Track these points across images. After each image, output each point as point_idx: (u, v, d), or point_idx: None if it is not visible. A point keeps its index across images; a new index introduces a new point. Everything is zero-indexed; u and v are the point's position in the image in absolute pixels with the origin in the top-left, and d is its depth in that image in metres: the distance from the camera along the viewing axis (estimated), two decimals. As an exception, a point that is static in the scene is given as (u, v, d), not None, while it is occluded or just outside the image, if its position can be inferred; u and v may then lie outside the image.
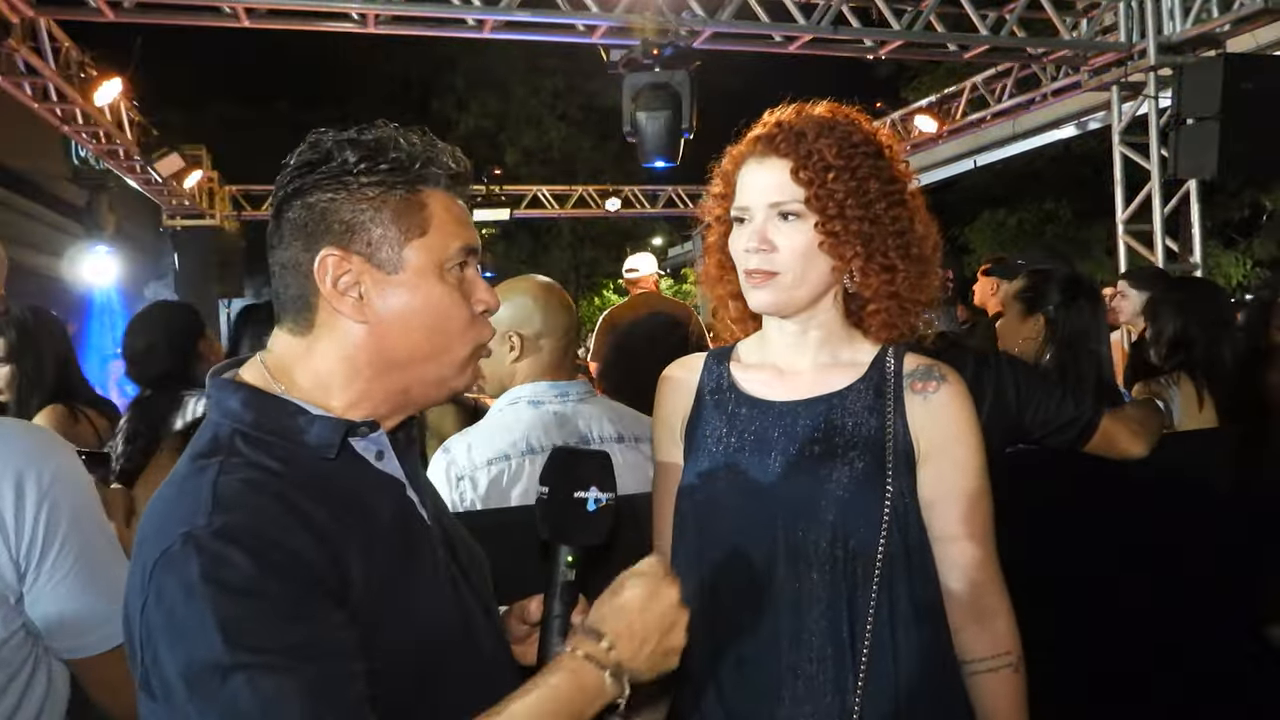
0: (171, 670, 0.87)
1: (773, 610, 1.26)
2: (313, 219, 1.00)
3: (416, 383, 1.04)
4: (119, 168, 8.69)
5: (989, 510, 1.32)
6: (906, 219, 1.32)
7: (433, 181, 1.03)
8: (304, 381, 1.01)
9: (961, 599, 1.30)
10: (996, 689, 1.30)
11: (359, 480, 1.02)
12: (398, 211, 1.00)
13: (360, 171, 0.99)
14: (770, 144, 1.30)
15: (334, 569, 0.92)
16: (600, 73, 6.66)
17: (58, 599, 1.16)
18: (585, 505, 1.10)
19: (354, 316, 1.00)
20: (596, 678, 0.95)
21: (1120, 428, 2.04)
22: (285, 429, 0.98)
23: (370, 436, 1.03)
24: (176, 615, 0.87)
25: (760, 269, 1.29)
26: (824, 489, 1.26)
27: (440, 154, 1.04)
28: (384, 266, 1.00)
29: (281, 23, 5.96)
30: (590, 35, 6.15)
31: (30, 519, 1.12)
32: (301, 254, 1.00)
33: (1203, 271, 6.79)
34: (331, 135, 1.02)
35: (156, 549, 0.89)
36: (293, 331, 1.03)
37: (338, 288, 0.99)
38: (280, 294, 1.04)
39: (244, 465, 0.95)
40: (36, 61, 6.15)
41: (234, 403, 0.99)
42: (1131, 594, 2.05)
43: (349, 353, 1.01)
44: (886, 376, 1.32)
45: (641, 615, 0.98)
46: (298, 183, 1.01)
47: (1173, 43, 6.47)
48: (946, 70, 12.14)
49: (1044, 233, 16.23)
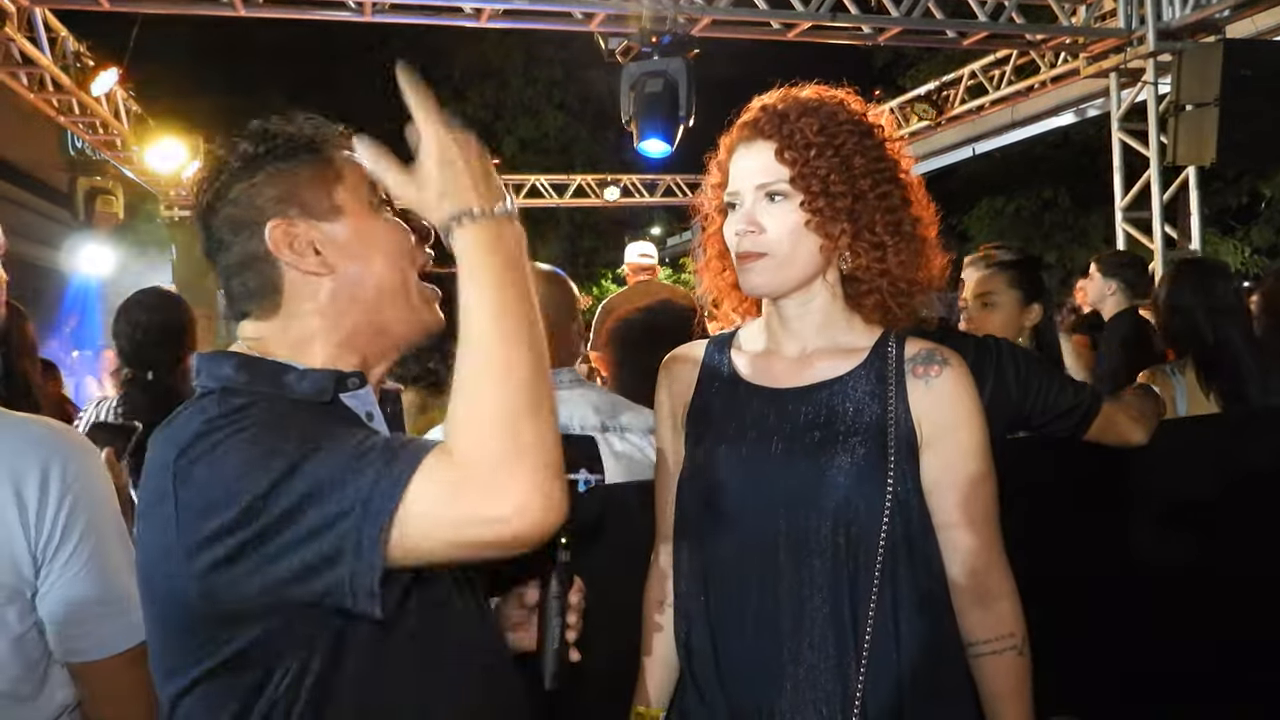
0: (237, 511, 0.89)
1: (774, 597, 1.26)
2: (242, 209, 1.05)
3: (392, 318, 1.08)
4: (115, 158, 8.67)
5: (992, 494, 1.32)
6: (898, 196, 1.31)
7: (328, 143, 1.09)
8: (283, 352, 1.05)
9: (965, 582, 1.30)
10: (999, 671, 1.31)
11: (347, 429, 1.02)
12: (313, 172, 1.07)
13: (264, 154, 1.06)
14: (755, 128, 1.31)
15: None
16: (598, 62, 6.63)
17: (67, 595, 1.16)
18: (576, 487, 1.11)
19: (319, 269, 1.05)
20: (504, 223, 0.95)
21: (1120, 414, 2.04)
22: (278, 380, 1.02)
23: (359, 394, 1.07)
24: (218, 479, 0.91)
25: (750, 250, 1.29)
26: (825, 475, 1.26)
27: (322, 122, 1.10)
28: (325, 217, 1.06)
29: (278, 11, 5.93)
30: (588, 24, 6.13)
31: (51, 513, 1.13)
32: (249, 243, 1.05)
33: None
34: (218, 144, 1.09)
35: (169, 457, 0.94)
36: (262, 315, 1.07)
37: (294, 250, 1.04)
38: (238, 294, 1.08)
39: (239, 407, 0.98)
40: (33, 51, 6.12)
41: (227, 368, 1.03)
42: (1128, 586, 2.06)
43: (323, 307, 1.06)
44: (888, 361, 1.31)
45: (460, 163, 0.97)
46: (213, 191, 1.07)
47: (1172, 28, 6.46)
48: (944, 58, 12.10)
49: (1042, 221, 16.22)
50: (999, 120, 9.27)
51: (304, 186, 1.06)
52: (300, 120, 1.09)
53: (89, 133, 8.07)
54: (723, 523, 1.31)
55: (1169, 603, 2.04)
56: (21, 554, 1.12)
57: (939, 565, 1.30)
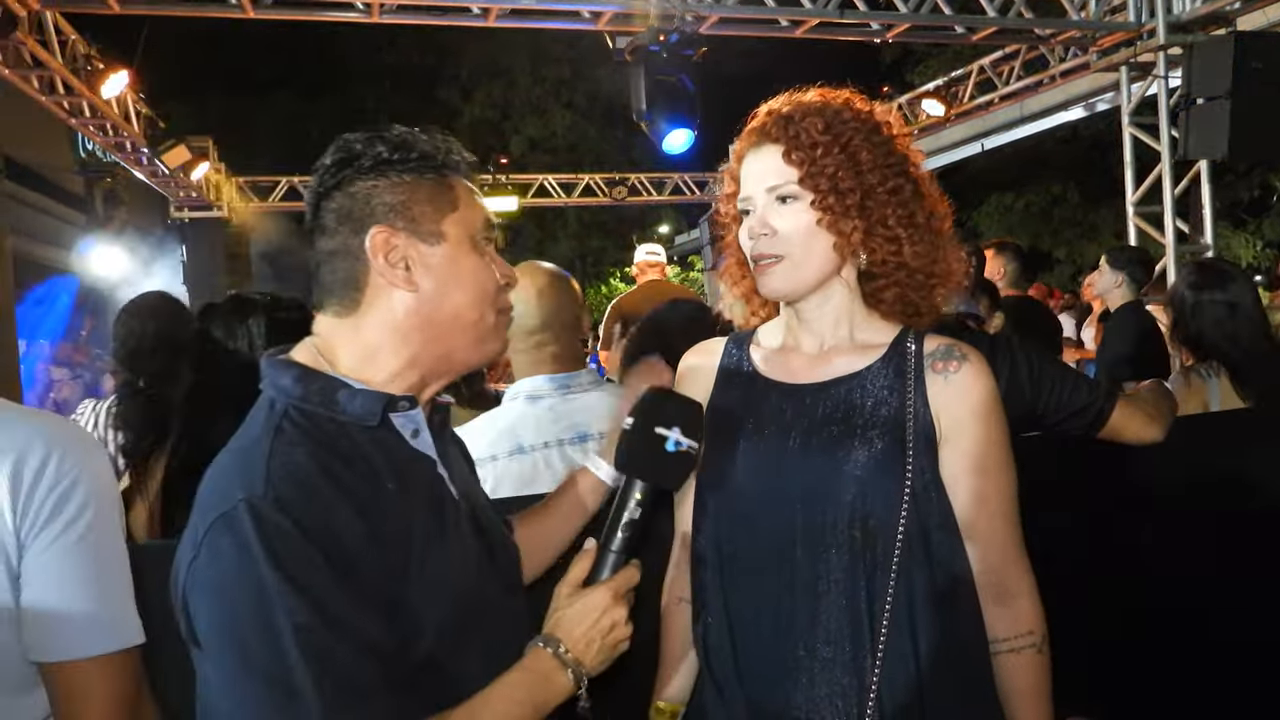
0: (215, 624, 0.98)
1: (790, 591, 1.26)
2: (357, 205, 1.11)
3: (459, 346, 1.15)
4: (126, 160, 8.72)
5: (1012, 489, 1.31)
6: (909, 190, 1.31)
7: (454, 170, 1.16)
8: (349, 358, 1.12)
9: (984, 579, 1.29)
10: (1018, 669, 1.30)
11: (395, 454, 1.11)
12: (432, 192, 1.13)
13: (395, 161, 1.12)
14: (762, 133, 1.32)
15: (370, 544, 1.02)
16: (605, 61, 6.63)
17: (47, 581, 1.09)
18: (664, 444, 1.15)
19: (404, 286, 1.10)
20: (561, 674, 1.09)
21: (1134, 413, 2.01)
22: (331, 402, 1.08)
23: (408, 414, 1.13)
24: (227, 572, 0.97)
25: (765, 253, 1.30)
26: (842, 469, 1.25)
27: (456, 149, 1.17)
28: (426, 239, 1.12)
29: (286, 13, 5.95)
30: (595, 23, 6.13)
31: (41, 495, 1.09)
32: (351, 238, 1.11)
33: (1214, 253, 6.75)
34: (358, 137, 1.13)
35: (215, 511, 0.99)
36: (338, 314, 1.13)
37: (388, 260, 1.10)
38: (325, 280, 1.13)
39: (295, 438, 1.05)
40: (43, 55, 6.16)
41: (286, 379, 1.09)
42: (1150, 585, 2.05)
43: (398, 322, 1.11)
44: (907, 357, 1.31)
45: (585, 623, 1.11)
46: (337, 177, 1.12)
47: (1182, 21, 6.42)
48: (953, 54, 12.06)
49: (1052, 216, 16.16)
50: (1008, 116, 9.23)
51: (418, 204, 1.11)
52: (438, 140, 1.15)
53: (99, 135, 8.12)
54: (740, 517, 1.31)
55: (1187, 603, 2.02)
56: (8, 537, 1.08)
57: (959, 562, 1.28)
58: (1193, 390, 2.62)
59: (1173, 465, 2.07)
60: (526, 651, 1.11)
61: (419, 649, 1.04)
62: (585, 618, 1.11)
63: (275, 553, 0.96)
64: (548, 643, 1.10)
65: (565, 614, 1.12)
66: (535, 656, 1.10)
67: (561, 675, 1.09)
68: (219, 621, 0.98)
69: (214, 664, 0.99)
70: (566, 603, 1.13)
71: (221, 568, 0.97)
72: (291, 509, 0.98)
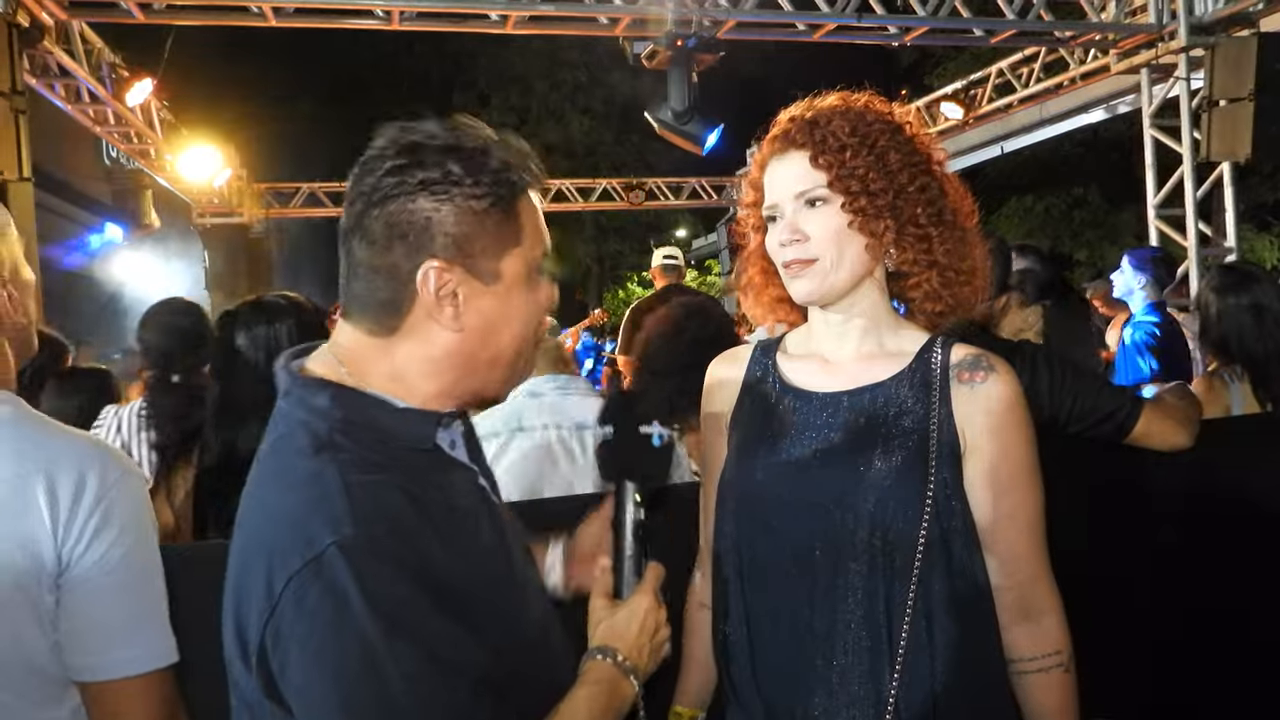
0: (314, 679, 0.90)
1: (810, 599, 1.25)
2: (416, 227, 0.99)
3: (493, 381, 1.08)
4: (150, 166, 8.82)
5: (1038, 503, 1.29)
6: (935, 188, 1.31)
7: (526, 189, 1.06)
8: (379, 377, 1.03)
9: (1009, 595, 1.28)
10: (1047, 689, 1.28)
11: (445, 473, 1.06)
12: (498, 224, 1.02)
13: (466, 183, 1.00)
14: (787, 139, 1.32)
15: (456, 571, 0.97)
16: (622, 66, 6.66)
17: (89, 603, 1.11)
18: (650, 440, 1.17)
19: (450, 326, 1.02)
20: (625, 682, 1.09)
21: (1161, 420, 1.99)
22: (378, 424, 1.00)
23: (450, 427, 1.08)
24: (322, 626, 0.89)
25: (797, 259, 1.29)
26: (864, 478, 1.25)
27: (528, 159, 1.07)
28: (483, 278, 1.02)
29: (307, 21, 6.02)
30: (613, 29, 6.15)
31: (82, 518, 1.10)
32: (402, 260, 1.00)
33: (1237, 256, 6.68)
34: (425, 135, 1.01)
35: (296, 555, 0.90)
36: (372, 332, 1.03)
37: (439, 296, 1.00)
38: (359, 294, 1.03)
39: (359, 462, 0.96)
40: (69, 63, 6.25)
41: (322, 400, 1.00)
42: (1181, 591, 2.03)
43: (435, 356, 1.03)
44: (932, 366, 1.30)
45: (634, 629, 1.12)
46: (397, 185, 0.99)
47: (1204, 23, 6.36)
48: (971, 56, 12.01)
49: (1072, 219, 16.04)
50: (1028, 118, 9.17)
51: (481, 238, 1.01)
52: (510, 151, 1.04)
53: (124, 142, 8.22)
54: (761, 524, 1.30)
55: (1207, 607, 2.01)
56: (48, 555, 1.09)
57: (980, 575, 1.27)
58: (1215, 394, 2.61)
59: (1192, 469, 2.05)
60: (583, 668, 1.09)
61: (503, 665, 0.98)
62: (633, 623, 1.11)
63: (376, 600, 0.88)
64: (605, 654, 1.09)
65: (611, 623, 1.12)
66: (597, 669, 1.08)
67: (625, 683, 1.08)
68: (319, 676, 0.90)
69: (314, 718, 0.92)
70: (607, 613, 1.13)
71: (315, 620, 0.89)
72: (385, 545, 0.91)
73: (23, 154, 5.02)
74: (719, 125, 6.14)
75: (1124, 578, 1.99)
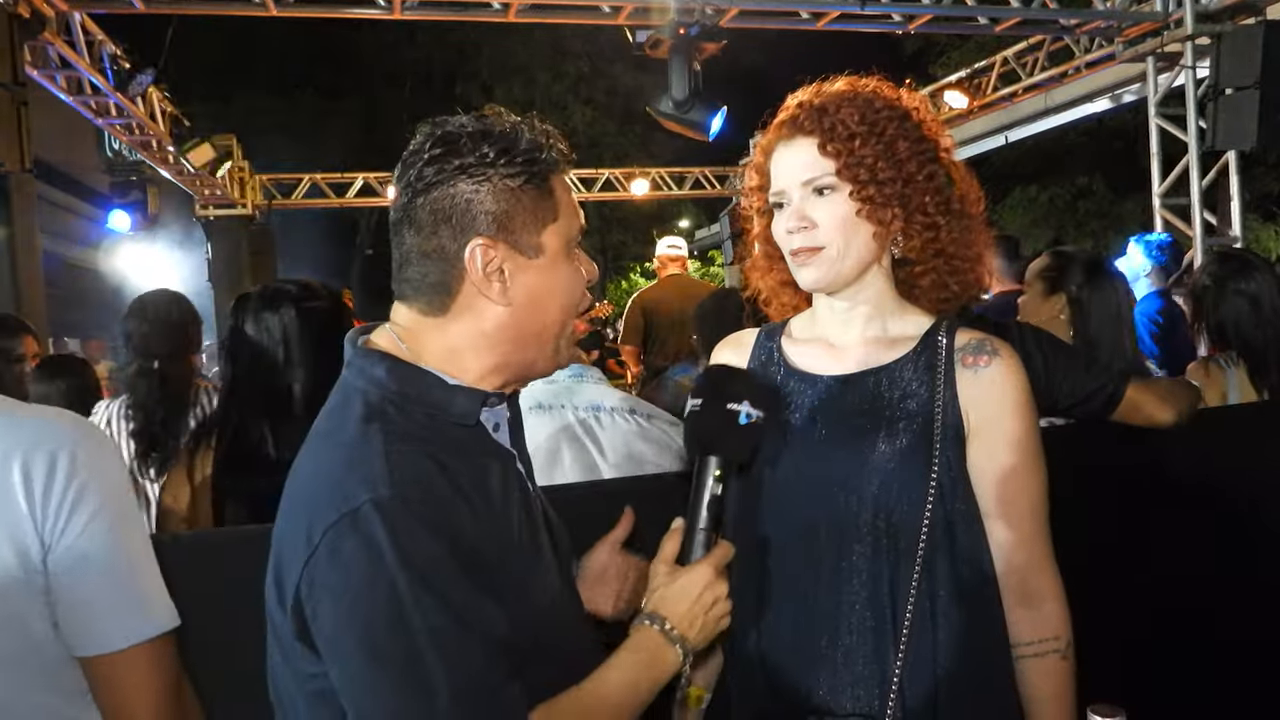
0: (344, 627, 0.96)
1: (814, 582, 1.26)
2: (458, 210, 1.06)
3: (540, 357, 1.14)
4: (152, 158, 8.82)
5: (1040, 488, 1.29)
6: (943, 175, 1.31)
7: (556, 168, 1.11)
8: (435, 354, 1.09)
9: (1009, 579, 1.28)
10: (1041, 673, 1.28)
11: (485, 451, 1.11)
12: (535, 200, 1.08)
13: (501, 164, 1.06)
14: (795, 125, 1.31)
15: (487, 539, 1.02)
16: (625, 56, 6.64)
17: (78, 579, 1.10)
18: (737, 418, 1.17)
19: (499, 300, 1.08)
20: (669, 650, 1.10)
21: (1147, 395, 2.02)
22: (428, 398, 1.07)
23: (494, 409, 1.14)
24: (356, 574, 0.95)
25: (804, 246, 1.29)
26: (868, 462, 1.25)
27: (555, 141, 1.12)
28: (526, 252, 1.08)
29: (309, 11, 6.00)
30: (615, 17, 6.13)
31: (58, 495, 1.09)
32: (449, 242, 1.06)
33: (1242, 245, 6.66)
34: (458, 125, 1.08)
35: (334, 510, 0.96)
36: (425, 312, 1.10)
37: (486, 272, 1.06)
38: (413, 278, 1.09)
39: (403, 432, 1.02)
40: (71, 55, 6.24)
41: (379, 371, 1.07)
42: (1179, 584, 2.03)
43: (487, 331, 1.09)
44: (937, 350, 1.30)
45: (688, 599, 1.12)
46: (437, 173, 1.06)
47: (1210, 11, 6.33)
48: (976, 45, 11.95)
49: (1077, 208, 16.00)
50: (1032, 107, 9.14)
51: (520, 214, 1.07)
52: (539, 134, 1.10)
53: (126, 134, 8.22)
54: (766, 506, 1.31)
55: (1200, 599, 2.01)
56: (31, 538, 1.08)
57: (983, 557, 1.27)
58: (1211, 380, 2.62)
59: (1188, 457, 2.05)
60: (632, 631, 1.12)
61: (523, 637, 1.03)
62: (688, 594, 1.11)
63: (406, 553, 0.94)
64: (653, 620, 1.10)
65: (667, 592, 1.12)
66: (643, 634, 1.10)
67: (669, 652, 1.09)
68: (349, 624, 0.96)
69: (343, 664, 0.97)
70: (666, 580, 1.13)
71: (349, 571, 0.95)
72: (418, 508, 0.97)
73: (24, 146, 5.02)
74: (721, 108, 6.10)
75: (1119, 565, 1.99)
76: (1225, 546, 2.06)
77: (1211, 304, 2.72)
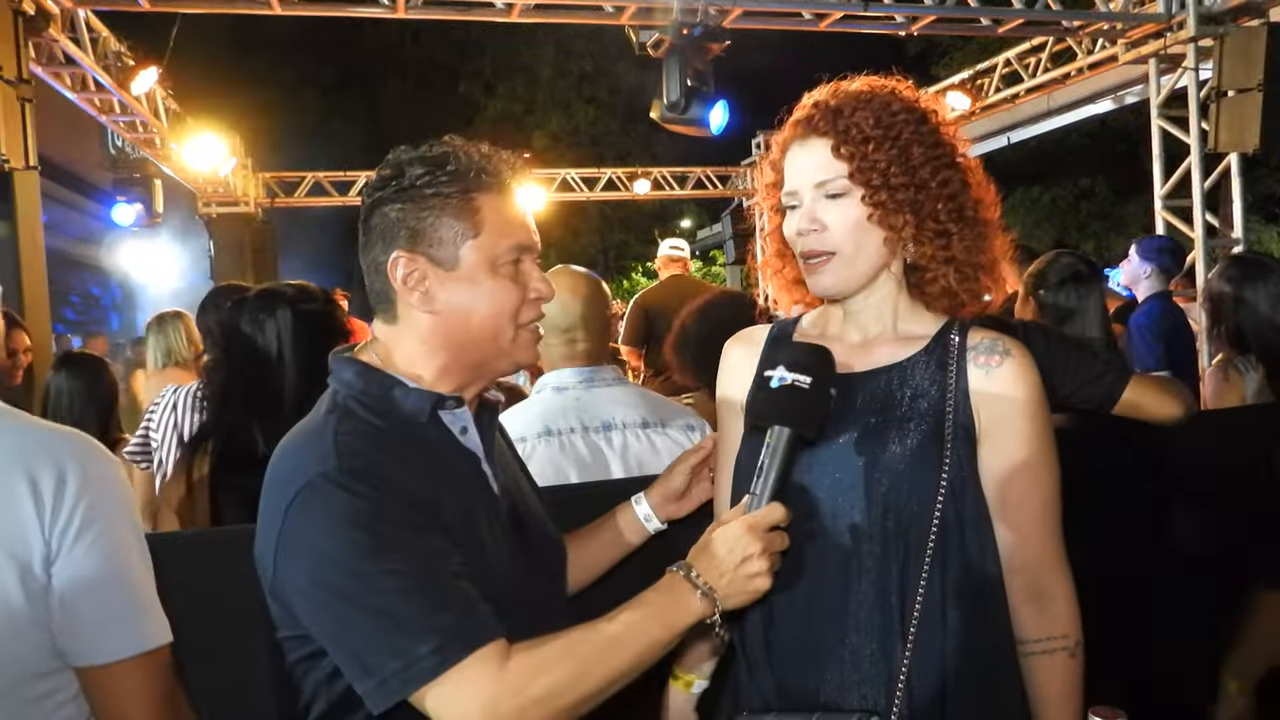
0: (312, 576, 1.08)
1: (823, 578, 1.26)
2: (388, 227, 1.19)
3: (488, 357, 1.23)
4: (155, 155, 8.82)
5: (1052, 487, 1.29)
6: (958, 182, 1.30)
7: (486, 188, 1.20)
8: (400, 360, 1.22)
9: (1019, 578, 1.27)
10: (1048, 672, 1.28)
11: (444, 446, 1.21)
12: (454, 216, 1.18)
13: (423, 184, 1.18)
14: (810, 126, 1.30)
15: (434, 501, 1.12)
16: (628, 56, 6.64)
17: (81, 593, 1.12)
18: (769, 383, 1.21)
19: (421, 308, 1.19)
20: (691, 596, 1.12)
21: (1148, 388, 2.03)
22: (386, 398, 1.18)
23: (456, 412, 1.23)
24: (315, 533, 1.07)
25: (815, 249, 1.29)
26: (879, 460, 1.25)
27: (496, 163, 1.21)
28: (444, 265, 1.18)
29: (312, 9, 6.01)
30: (619, 17, 6.14)
31: (68, 508, 1.11)
32: (380, 256, 1.20)
33: (1244, 247, 6.66)
34: (404, 153, 1.21)
35: (293, 485, 1.10)
36: (385, 320, 1.24)
37: (407, 284, 1.18)
38: (370, 290, 1.24)
39: (357, 423, 1.16)
40: (76, 51, 6.25)
41: (349, 374, 1.21)
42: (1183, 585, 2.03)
43: (424, 336, 1.21)
44: (949, 349, 1.30)
45: (720, 552, 1.15)
46: (378, 195, 1.20)
47: (1213, 13, 6.33)
48: (978, 46, 11.95)
49: (1079, 210, 16.00)
50: (1035, 109, 9.14)
51: (440, 229, 1.18)
52: (475, 158, 1.20)
53: (129, 131, 8.23)
54: None
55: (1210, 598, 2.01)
56: (36, 545, 1.10)
57: (992, 557, 1.27)
58: (1230, 384, 2.62)
59: (1207, 458, 2.05)
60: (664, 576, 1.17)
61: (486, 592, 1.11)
62: (720, 546, 1.14)
63: (356, 512, 1.06)
64: (681, 567, 1.15)
65: (703, 542, 1.16)
66: (669, 579, 1.14)
67: (691, 597, 1.12)
68: (316, 577, 1.07)
69: (318, 614, 1.08)
70: (707, 534, 1.17)
71: (309, 531, 1.07)
72: (365, 475, 1.08)
73: (29, 142, 5.03)
74: (717, 100, 6.07)
75: (1134, 566, 1.99)
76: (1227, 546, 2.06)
77: (1230, 308, 2.70)
